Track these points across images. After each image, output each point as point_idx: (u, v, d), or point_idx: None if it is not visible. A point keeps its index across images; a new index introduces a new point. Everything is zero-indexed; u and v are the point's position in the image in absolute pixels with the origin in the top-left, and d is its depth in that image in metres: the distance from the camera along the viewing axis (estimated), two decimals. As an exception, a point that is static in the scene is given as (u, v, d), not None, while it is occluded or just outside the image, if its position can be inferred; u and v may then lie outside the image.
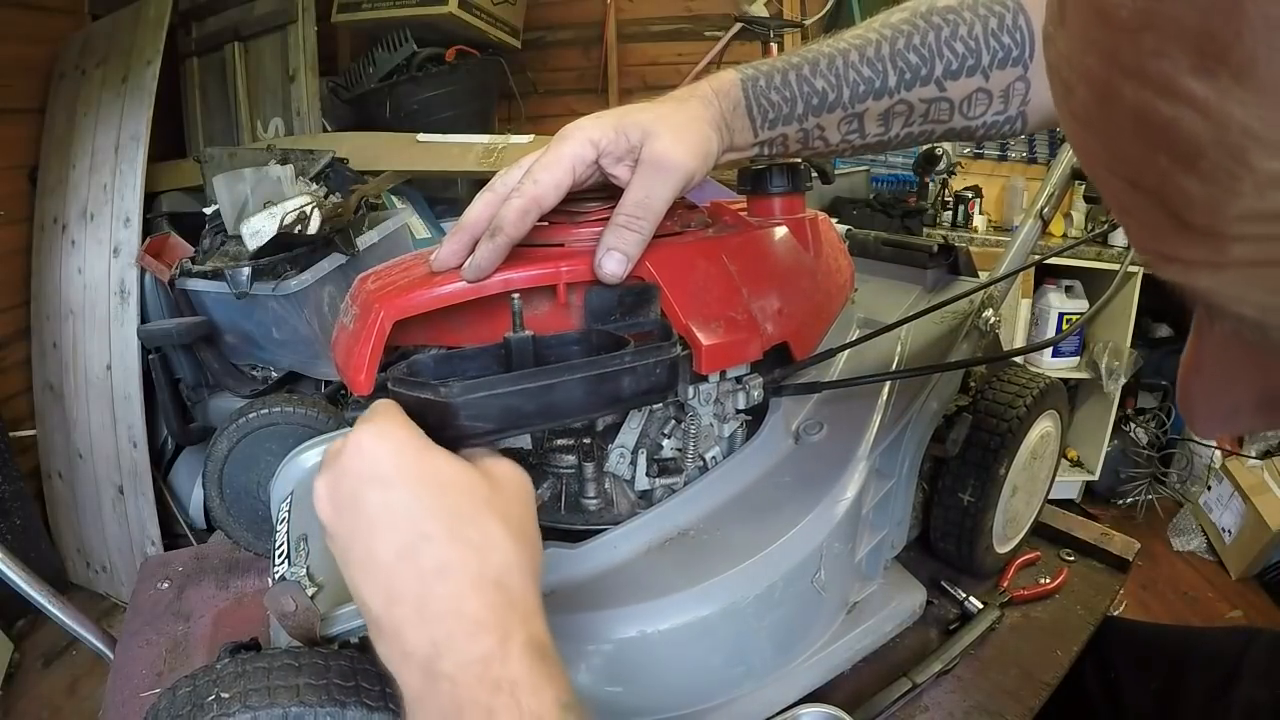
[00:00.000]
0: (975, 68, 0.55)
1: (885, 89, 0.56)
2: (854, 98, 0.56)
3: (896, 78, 0.55)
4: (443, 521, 0.38)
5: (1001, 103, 0.57)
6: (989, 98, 0.56)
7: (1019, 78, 0.55)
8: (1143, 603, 2.11)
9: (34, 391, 2.19)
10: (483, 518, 0.39)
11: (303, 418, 0.80)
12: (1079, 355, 2.49)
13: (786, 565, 0.59)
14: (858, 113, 0.57)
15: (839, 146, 0.59)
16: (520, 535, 0.40)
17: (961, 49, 0.55)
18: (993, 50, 0.55)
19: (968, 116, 0.57)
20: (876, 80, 0.56)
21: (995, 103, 0.56)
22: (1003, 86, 0.56)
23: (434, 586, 0.36)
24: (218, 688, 0.40)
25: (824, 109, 0.56)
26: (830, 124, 0.57)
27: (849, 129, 0.57)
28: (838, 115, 0.57)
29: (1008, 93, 0.56)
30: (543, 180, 0.51)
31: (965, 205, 2.56)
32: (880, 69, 0.55)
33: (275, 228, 1.54)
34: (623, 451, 0.61)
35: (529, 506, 0.43)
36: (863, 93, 0.56)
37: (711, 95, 0.55)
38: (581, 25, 2.94)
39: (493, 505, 0.40)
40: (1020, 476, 0.78)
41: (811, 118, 0.57)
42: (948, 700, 0.68)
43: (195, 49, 2.49)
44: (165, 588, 0.87)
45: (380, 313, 0.50)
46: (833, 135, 0.58)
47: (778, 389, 0.65)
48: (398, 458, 0.39)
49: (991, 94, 0.56)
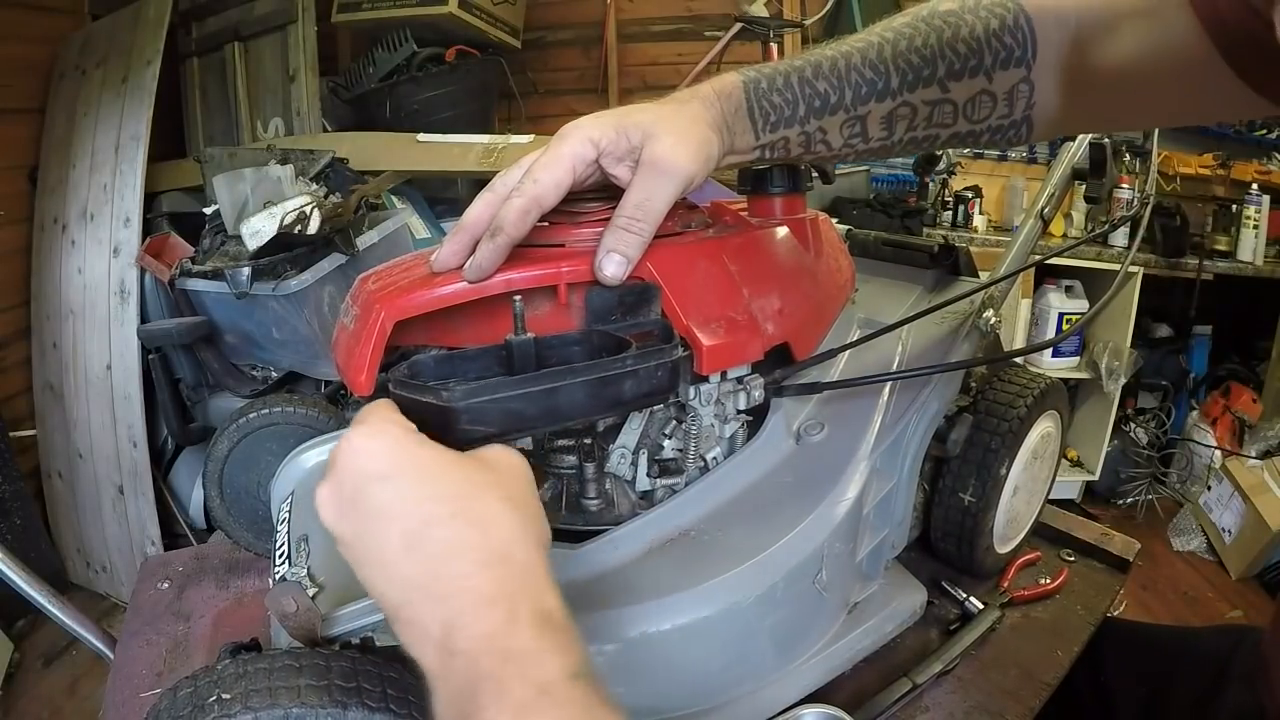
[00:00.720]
0: (978, 68, 0.55)
1: (888, 90, 0.56)
2: (856, 100, 0.56)
3: (899, 79, 0.55)
4: (444, 504, 0.38)
5: (1006, 106, 0.56)
6: (993, 100, 0.56)
7: (1022, 79, 0.55)
8: (1143, 603, 2.11)
9: (34, 391, 2.19)
10: (483, 496, 0.40)
11: (303, 418, 0.80)
12: (1079, 355, 2.50)
13: (787, 566, 0.59)
14: (860, 115, 0.56)
15: (841, 150, 0.58)
16: (522, 509, 0.41)
17: (964, 49, 0.55)
18: (994, 51, 0.55)
19: (971, 120, 0.57)
20: (879, 82, 0.55)
21: (1000, 106, 0.56)
22: (1006, 89, 0.56)
23: (442, 567, 0.37)
24: (219, 688, 0.40)
25: (826, 111, 0.56)
26: (832, 127, 0.57)
27: (851, 132, 0.57)
28: (840, 118, 0.56)
29: (1012, 95, 0.56)
30: (543, 180, 0.51)
31: (965, 205, 2.56)
32: (883, 70, 0.55)
33: (275, 228, 1.54)
34: (624, 452, 0.61)
35: (528, 484, 0.43)
36: (865, 94, 0.56)
37: (713, 97, 0.55)
38: (581, 25, 2.94)
39: (491, 484, 0.41)
40: (1021, 477, 0.78)
41: (813, 120, 0.56)
42: (948, 700, 0.68)
43: (195, 49, 2.49)
44: (165, 588, 0.87)
45: (381, 313, 0.50)
46: (835, 139, 0.58)
47: (778, 389, 0.65)
48: (392, 451, 0.40)
49: (995, 96, 0.56)
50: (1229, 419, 2.51)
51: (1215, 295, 2.52)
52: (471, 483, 0.40)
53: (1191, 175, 2.65)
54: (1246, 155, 2.69)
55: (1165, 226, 2.43)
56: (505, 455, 0.43)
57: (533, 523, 0.41)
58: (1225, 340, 2.75)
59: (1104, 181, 0.82)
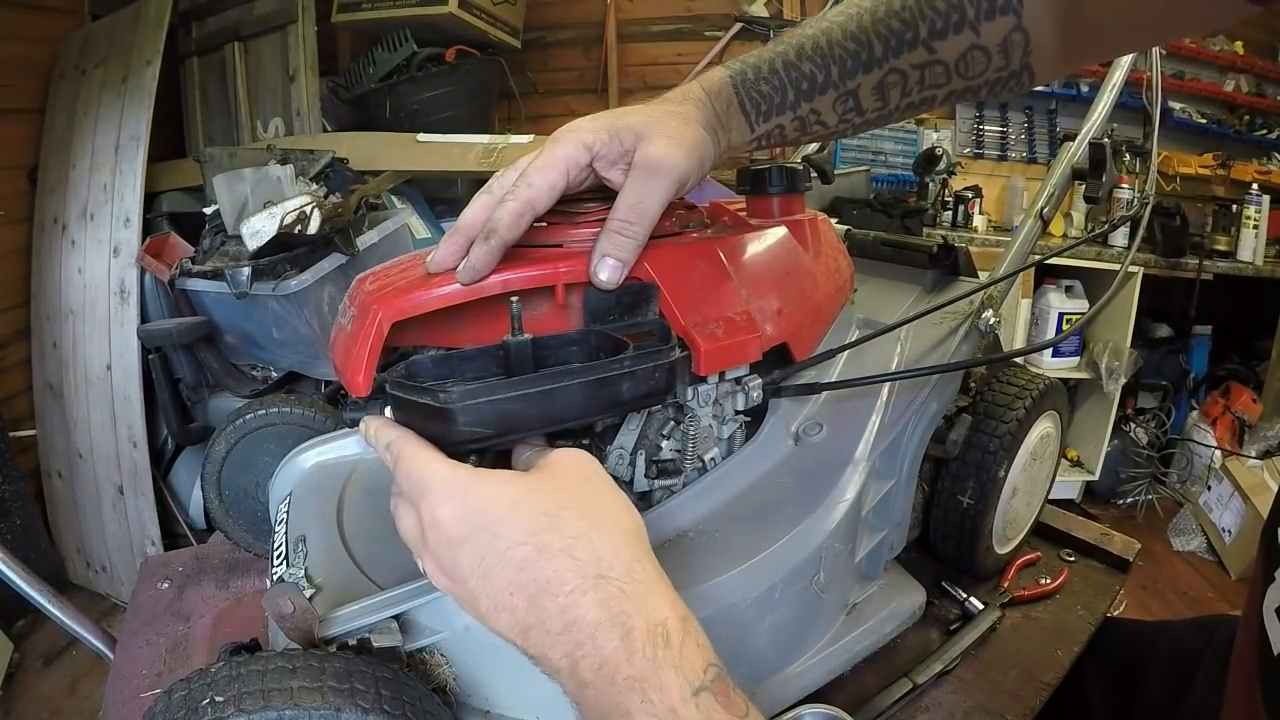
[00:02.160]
0: (962, 23, 0.53)
1: (873, 60, 0.55)
2: (843, 75, 0.55)
3: (882, 47, 0.54)
4: (526, 543, 0.39)
5: (1001, 58, 0.54)
6: (986, 55, 0.54)
7: (1014, 28, 0.53)
8: (1143, 603, 2.11)
9: (34, 391, 2.19)
10: (558, 519, 0.40)
11: (300, 418, 0.80)
12: (1079, 355, 2.49)
13: (786, 567, 0.59)
14: (850, 90, 0.56)
15: (839, 127, 0.58)
16: (601, 512, 0.41)
17: (943, 6, 0.53)
18: (976, 3, 0.53)
19: (966, 77, 0.55)
20: (863, 53, 0.55)
21: (995, 59, 0.54)
22: (998, 40, 0.54)
23: (546, 603, 0.38)
24: (212, 691, 0.40)
25: (815, 92, 0.56)
26: (825, 106, 0.56)
27: (845, 108, 0.57)
28: (830, 96, 0.56)
29: (1005, 46, 0.54)
30: (537, 183, 0.51)
31: (965, 205, 2.56)
32: (864, 40, 0.55)
33: (275, 228, 1.54)
34: (621, 453, 0.61)
35: (600, 481, 0.43)
36: (851, 68, 0.55)
37: (704, 97, 0.55)
38: (581, 25, 2.94)
39: (562, 502, 0.41)
40: (1020, 478, 0.78)
41: (805, 103, 0.56)
42: (948, 700, 0.68)
43: (195, 49, 2.49)
44: (165, 588, 0.87)
45: (378, 314, 0.50)
46: (829, 118, 0.57)
47: (777, 390, 0.65)
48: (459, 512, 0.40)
49: (989, 50, 0.54)
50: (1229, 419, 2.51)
51: (1215, 295, 2.52)
52: (543, 509, 0.40)
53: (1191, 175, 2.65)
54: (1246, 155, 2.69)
55: (1165, 226, 2.43)
56: (568, 458, 0.44)
57: (618, 524, 0.41)
58: (1225, 340, 2.75)
59: (1104, 181, 0.81)
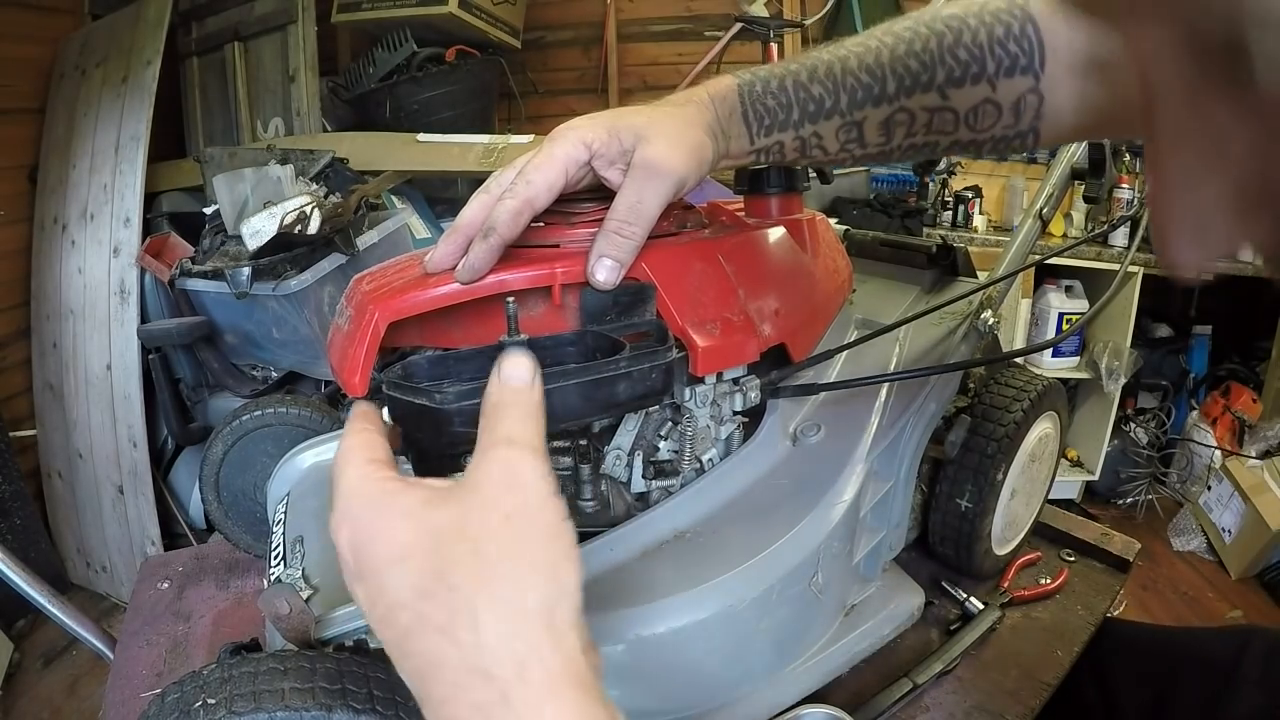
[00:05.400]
0: (980, 76, 0.53)
1: (884, 96, 0.54)
2: (851, 104, 0.55)
3: (896, 84, 0.54)
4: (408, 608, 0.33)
5: (1012, 116, 0.54)
6: (998, 110, 0.54)
7: (1030, 89, 0.53)
8: (1143, 603, 2.11)
9: (34, 391, 2.19)
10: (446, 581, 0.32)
11: (298, 418, 0.80)
12: (1079, 355, 2.49)
13: (784, 568, 0.58)
14: (856, 120, 0.55)
15: (839, 155, 0.58)
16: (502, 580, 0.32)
17: (965, 56, 0.53)
18: (998, 58, 0.53)
19: (974, 129, 0.55)
20: (875, 87, 0.54)
21: (1005, 116, 0.54)
22: (1013, 99, 0.54)
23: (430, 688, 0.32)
24: (204, 694, 0.40)
25: (820, 116, 0.55)
26: (828, 132, 0.56)
27: (848, 137, 0.56)
28: (835, 123, 0.56)
29: (1018, 106, 0.54)
30: (535, 181, 0.51)
31: (965, 205, 2.56)
32: (879, 75, 0.54)
33: (275, 228, 1.54)
34: (619, 454, 0.61)
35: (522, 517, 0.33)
36: (860, 99, 0.55)
37: (708, 101, 0.55)
38: (581, 25, 2.94)
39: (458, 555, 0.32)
40: (1019, 480, 0.78)
41: (808, 125, 0.56)
42: (948, 700, 0.68)
43: (195, 49, 2.49)
44: (165, 588, 0.87)
45: (375, 314, 0.50)
46: (831, 144, 0.57)
47: (775, 390, 0.65)
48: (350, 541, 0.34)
49: (1001, 106, 0.54)
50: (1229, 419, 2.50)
51: (1215, 295, 2.52)
52: (432, 567, 0.32)
53: (1192, 175, 2.64)
54: (1247, 155, 2.68)
55: (1166, 226, 2.42)
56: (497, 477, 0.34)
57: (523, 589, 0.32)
58: (1225, 340, 2.74)
59: (1103, 181, 0.81)
